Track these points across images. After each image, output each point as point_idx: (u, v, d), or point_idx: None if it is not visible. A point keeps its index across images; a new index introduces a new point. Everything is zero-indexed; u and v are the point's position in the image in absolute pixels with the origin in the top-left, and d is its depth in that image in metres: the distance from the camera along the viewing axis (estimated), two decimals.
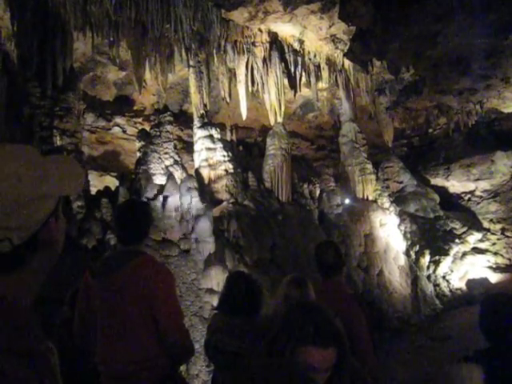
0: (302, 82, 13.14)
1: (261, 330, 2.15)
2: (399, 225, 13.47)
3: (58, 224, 0.86)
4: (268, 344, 1.33)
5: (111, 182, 12.68)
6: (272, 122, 12.53)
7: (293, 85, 12.95)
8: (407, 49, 8.18)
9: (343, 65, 12.96)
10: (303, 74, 13.00)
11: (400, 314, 11.03)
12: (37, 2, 9.20)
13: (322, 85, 13.68)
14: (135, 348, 2.06)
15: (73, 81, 10.30)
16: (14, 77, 9.16)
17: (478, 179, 15.46)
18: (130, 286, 2.07)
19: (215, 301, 7.76)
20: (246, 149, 14.62)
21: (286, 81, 12.76)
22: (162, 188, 9.39)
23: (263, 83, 12.45)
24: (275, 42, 12.29)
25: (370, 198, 13.35)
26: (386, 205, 13.46)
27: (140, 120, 13.91)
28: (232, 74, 12.48)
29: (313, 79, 13.18)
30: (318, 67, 13.09)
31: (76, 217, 8.53)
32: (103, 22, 9.79)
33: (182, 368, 6.38)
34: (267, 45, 12.27)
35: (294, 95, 13.42)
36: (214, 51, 11.68)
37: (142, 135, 11.18)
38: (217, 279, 7.94)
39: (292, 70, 12.78)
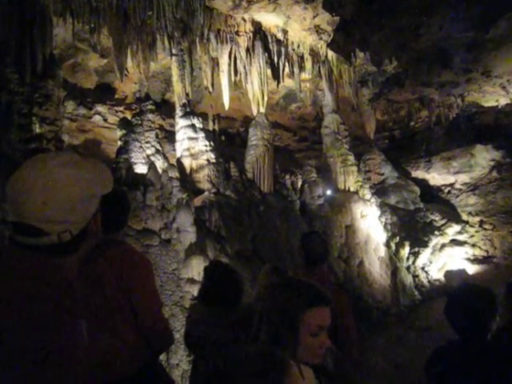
0: (285, 73, 13.13)
1: (243, 318, 2.15)
2: (380, 216, 13.59)
3: (99, 218, 1.07)
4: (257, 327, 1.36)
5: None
6: (255, 112, 12.50)
7: (276, 75, 12.92)
8: (390, 40, 8.22)
9: (327, 56, 12.97)
10: (286, 64, 12.98)
11: (380, 305, 11.16)
12: None
13: (305, 76, 13.68)
14: (115, 338, 2.04)
15: (53, 68, 10.09)
16: None
17: (457, 172, 15.67)
18: (108, 275, 2.05)
19: (196, 291, 7.74)
20: (229, 139, 14.59)
21: (269, 71, 12.72)
22: (143, 177, 9.30)
23: (246, 73, 12.40)
24: (259, 31, 12.24)
25: (352, 189, 13.43)
26: (367, 196, 13.56)
27: (121, 108, 13.74)
28: (215, 64, 12.41)
29: (296, 70, 13.18)
30: (301, 58, 13.09)
31: None
32: (84, 7, 9.61)
33: (162, 357, 6.36)
34: (251, 34, 12.22)
35: (277, 86, 13.40)
36: (197, 40, 11.58)
37: (123, 124, 11.04)
38: (198, 269, 7.91)
39: (275, 60, 12.74)
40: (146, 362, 2.12)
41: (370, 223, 13.04)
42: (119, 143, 10.79)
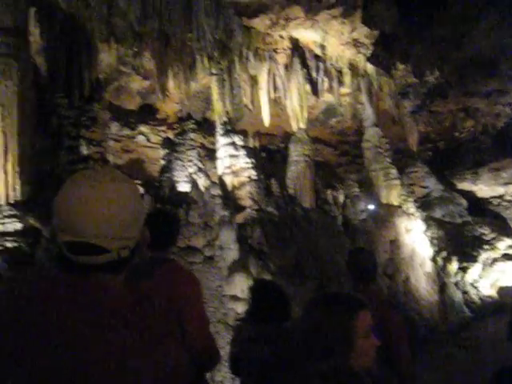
0: (324, 88, 13.09)
1: (294, 336, 2.13)
2: (425, 231, 13.24)
3: (146, 232, 1.03)
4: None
5: None
6: (294, 128, 12.50)
7: (315, 90, 12.91)
8: (432, 52, 8.07)
9: (366, 69, 12.86)
10: (325, 79, 12.94)
11: (427, 322, 10.82)
12: (64, 16, 9.41)
13: (344, 90, 13.60)
14: (163, 355, 2.04)
15: (98, 91, 10.49)
16: (42, 89, 9.36)
17: (507, 183, 15.10)
18: (158, 293, 2.06)
19: (239, 307, 7.74)
20: (269, 155, 14.61)
21: (308, 87, 12.72)
22: (186, 195, 9.43)
23: (285, 89, 12.45)
24: (297, 48, 12.28)
25: (395, 203, 13.16)
26: (412, 210, 13.25)
27: (164, 128, 14.03)
28: (254, 81, 12.51)
29: (335, 84, 13.12)
30: (340, 72, 13.03)
31: None
32: (127, 33, 9.94)
33: (207, 375, 6.36)
34: (289, 51, 12.27)
35: (317, 101, 13.37)
36: (236, 59, 11.73)
37: (166, 143, 11.28)
38: (241, 286, 7.91)
39: (314, 75, 12.74)
40: (194, 380, 2.12)
41: (415, 238, 12.72)
42: (162, 162, 11.01)
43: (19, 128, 8.11)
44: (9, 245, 7.13)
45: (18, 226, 7.37)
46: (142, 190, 10.65)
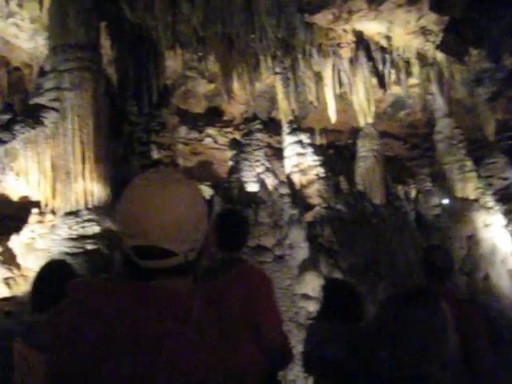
0: (391, 80, 12.73)
1: (369, 336, 2.11)
2: (507, 225, 12.51)
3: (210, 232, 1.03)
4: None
5: (205, 191, 13.07)
6: (362, 123, 12.27)
7: (382, 83, 12.58)
8: (509, 33, 7.61)
9: (435, 58, 12.35)
10: (392, 71, 12.58)
11: (510, 322, 10.23)
12: (131, 27, 9.80)
13: (412, 81, 13.15)
14: (237, 353, 2.08)
15: (166, 97, 10.83)
16: (114, 98, 9.81)
17: None
18: (232, 292, 2.10)
19: (311, 306, 7.71)
20: (337, 152, 14.43)
21: (374, 80, 12.43)
22: (254, 195, 9.51)
23: (351, 84, 12.24)
24: (361, 41, 12.03)
25: (471, 197, 12.54)
26: (490, 204, 12.56)
27: (230, 129, 14.25)
28: (319, 78, 12.40)
29: (403, 76, 12.71)
30: (407, 63, 12.61)
31: None
32: (191, 39, 10.19)
33: (280, 374, 6.38)
34: (353, 45, 12.05)
35: (384, 94, 13.03)
36: (300, 56, 11.68)
37: (233, 144, 11.45)
38: (312, 285, 7.88)
39: (380, 68, 12.42)
40: (267, 378, 2.14)
41: (495, 233, 12.05)
42: (230, 163, 11.18)
43: (95, 136, 8.53)
44: (89, 247, 7.54)
45: (97, 229, 7.76)
46: (211, 191, 10.88)
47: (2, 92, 12.12)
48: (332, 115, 12.17)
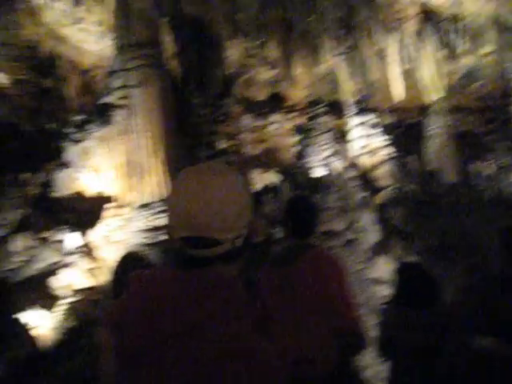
0: (462, 51, 12.07)
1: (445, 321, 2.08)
2: None
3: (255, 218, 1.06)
4: None
5: (273, 177, 13.12)
6: (431, 98, 11.77)
7: (451, 55, 11.97)
8: None
9: None
10: (463, 40, 11.93)
11: None
12: (192, 20, 9.97)
13: (487, 49, 12.40)
14: (311, 338, 2.11)
15: (229, 87, 10.95)
16: (179, 92, 10.05)
17: None
18: (305, 278, 2.13)
19: (383, 291, 7.58)
20: (405, 131, 13.95)
21: (443, 52, 11.85)
22: (322, 180, 9.45)
23: (418, 59, 11.75)
24: (427, 12, 11.49)
25: None
26: None
27: (295, 115, 14.16)
28: (383, 55, 12.00)
29: (475, 44, 12.02)
30: (480, 30, 11.90)
31: None
32: (251, 26, 10.19)
33: (354, 359, 6.34)
34: (418, 17, 11.54)
35: (454, 66, 12.40)
36: (362, 35, 11.35)
37: (299, 130, 11.39)
38: (384, 268, 7.76)
39: (449, 38, 11.82)
40: (342, 362, 2.15)
41: None
42: (296, 149, 11.14)
43: (163, 130, 8.82)
44: (163, 237, 7.86)
45: None
46: (279, 177, 10.92)
47: (75, 94, 12.78)
48: (399, 93, 11.76)
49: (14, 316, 2.48)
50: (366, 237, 8.33)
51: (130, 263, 2.26)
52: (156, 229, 8.02)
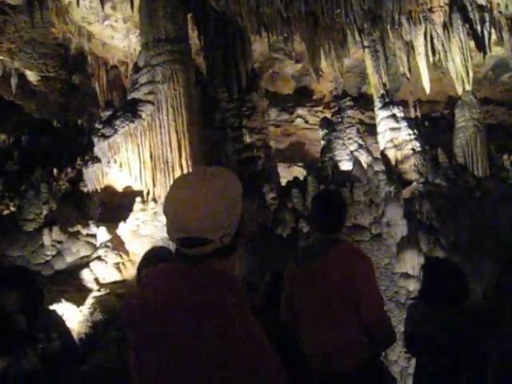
0: (491, 41, 11.79)
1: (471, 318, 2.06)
2: None
3: (245, 218, 1.13)
4: None
5: (299, 172, 13.11)
6: (459, 91, 11.52)
7: (481, 46, 11.71)
8: None
9: None
10: (493, 31, 11.64)
11: None
12: (217, 16, 10.01)
13: None
14: (338, 333, 2.11)
15: (255, 81, 10.95)
16: (204, 86, 10.10)
17: None
18: (333, 273, 2.13)
19: (411, 285, 7.50)
20: (433, 124, 13.74)
21: (472, 43, 11.59)
22: (348, 174, 9.39)
23: (445, 51, 11.52)
24: (455, 1, 11.25)
25: None
26: None
27: (320, 108, 14.11)
28: (410, 47, 11.82)
29: (505, 35, 11.72)
30: (510, 20, 11.60)
31: (270, 208, 9.06)
32: (276, 20, 10.18)
33: (381, 354, 6.32)
34: (446, 8, 11.31)
35: (484, 57, 12.12)
36: (388, 27, 11.21)
37: (325, 123, 11.32)
38: (411, 263, 7.65)
39: (478, 29, 11.55)
40: (369, 357, 2.15)
41: None
42: (322, 142, 11.09)
43: (189, 125, 8.89)
44: None
45: None
46: (304, 172, 10.89)
47: (102, 90, 12.97)
48: (426, 85, 11.57)
49: (45, 309, 2.57)
50: (393, 231, 8.23)
51: (153, 258, 2.30)
52: None
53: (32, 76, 12.42)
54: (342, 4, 10.07)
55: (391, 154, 10.45)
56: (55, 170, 12.26)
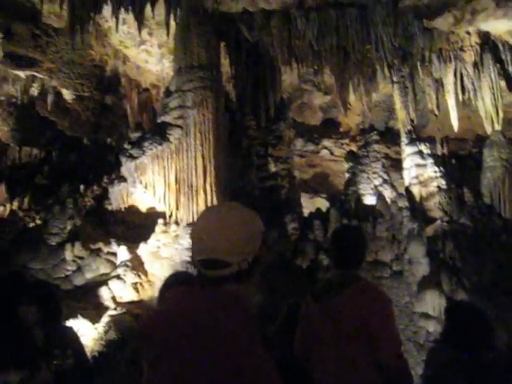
0: None
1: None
2: None
3: (263, 248, 1.23)
4: None
5: (322, 203, 13.07)
6: (488, 130, 11.41)
7: (510, 86, 11.63)
8: None
9: None
10: None
11: None
12: (249, 45, 10.21)
13: None
14: (354, 373, 2.08)
15: (283, 111, 11.07)
16: (233, 113, 10.24)
17: None
18: (350, 312, 2.10)
19: (431, 326, 7.33)
20: (460, 162, 13.60)
21: (502, 83, 11.52)
22: (372, 208, 9.32)
23: (475, 89, 11.47)
24: (487, 42, 11.25)
25: None
26: None
27: (346, 141, 14.12)
28: (439, 84, 11.81)
29: None
30: None
31: (291, 238, 9.02)
32: (307, 53, 10.32)
33: None
34: (477, 47, 11.30)
35: None
36: (418, 63, 11.24)
37: (350, 156, 11.34)
38: (432, 303, 7.50)
39: (510, 69, 11.49)
40: None
41: None
42: (347, 175, 11.08)
43: (215, 151, 8.99)
44: None
45: None
46: (326, 203, 10.84)
47: (133, 111, 13.27)
48: (454, 123, 11.49)
49: (62, 325, 2.58)
50: (415, 269, 8.10)
51: (174, 282, 2.32)
52: None
53: (68, 94, 12.81)
54: (373, 40, 10.17)
55: (416, 191, 10.35)
56: (82, 187, 12.49)
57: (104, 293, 8.09)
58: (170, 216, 8.91)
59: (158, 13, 9.76)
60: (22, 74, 12.12)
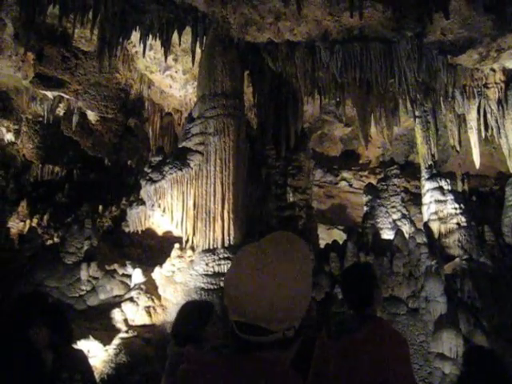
0: None
1: None
2: None
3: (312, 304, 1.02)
4: None
5: (338, 235, 12.97)
6: (511, 168, 11.29)
7: None
8: None
9: None
10: None
11: None
12: (272, 75, 10.33)
13: None
14: None
15: (303, 141, 11.10)
16: (253, 142, 10.31)
17: None
18: (363, 354, 2.05)
19: (446, 368, 7.12)
20: (481, 199, 13.42)
21: None
22: (389, 243, 9.19)
23: (499, 127, 11.38)
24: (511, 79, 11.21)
25: None
26: None
27: (366, 173, 14.09)
28: (461, 120, 11.76)
29: None
30: None
31: None
32: (330, 84, 10.39)
33: None
34: (502, 84, 11.26)
35: None
36: (441, 99, 11.23)
37: (369, 189, 11.24)
38: (449, 344, 7.28)
39: None
40: None
41: None
42: (365, 208, 10.97)
43: (234, 178, 9.00)
44: (223, 284, 7.86)
45: None
46: (343, 235, 10.74)
47: (155, 135, 13.47)
48: (476, 160, 11.39)
49: (72, 348, 2.56)
50: (432, 307, 7.91)
51: (193, 312, 2.29)
52: (216, 275, 8.07)
53: (92, 116, 13.07)
54: (397, 74, 10.21)
55: (435, 227, 10.22)
56: (100, 207, 12.64)
57: (116, 315, 8.07)
58: (187, 241, 8.91)
59: (185, 40, 9.96)
60: (49, 94, 12.45)
